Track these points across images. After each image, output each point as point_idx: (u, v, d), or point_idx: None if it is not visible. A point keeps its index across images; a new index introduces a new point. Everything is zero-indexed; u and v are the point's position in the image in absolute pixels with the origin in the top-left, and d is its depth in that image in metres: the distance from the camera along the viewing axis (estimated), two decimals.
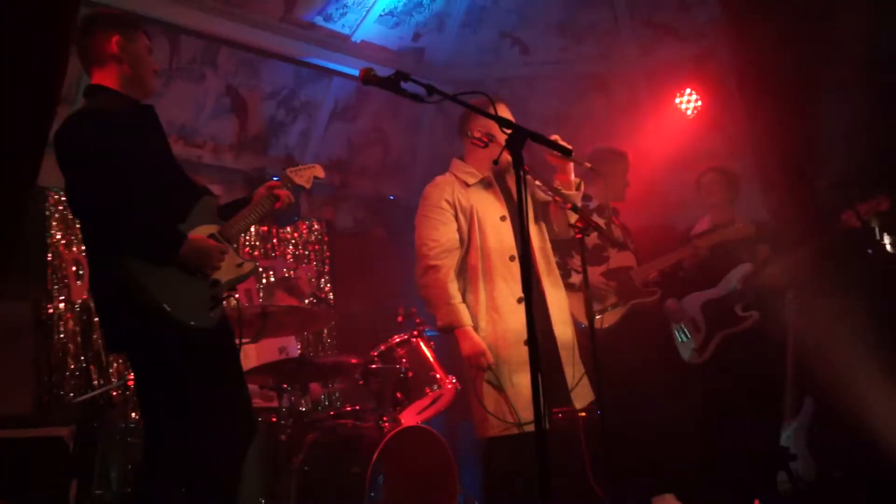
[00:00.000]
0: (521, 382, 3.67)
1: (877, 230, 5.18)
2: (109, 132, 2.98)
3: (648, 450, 4.59)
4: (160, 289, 2.88)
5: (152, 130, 3.16)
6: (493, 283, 3.80)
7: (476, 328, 3.75)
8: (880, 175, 4.90)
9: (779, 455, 4.97)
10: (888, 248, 5.19)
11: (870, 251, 5.08)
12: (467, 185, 3.93)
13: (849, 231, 4.76)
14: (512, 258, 3.83)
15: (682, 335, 5.00)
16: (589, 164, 3.91)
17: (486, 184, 3.95)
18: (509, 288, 3.80)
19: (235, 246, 3.27)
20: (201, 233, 3.07)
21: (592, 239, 4.68)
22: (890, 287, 4.87)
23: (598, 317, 4.66)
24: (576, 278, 4.57)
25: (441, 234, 3.84)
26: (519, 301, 3.73)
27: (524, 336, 3.53)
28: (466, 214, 3.88)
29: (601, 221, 4.64)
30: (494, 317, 3.77)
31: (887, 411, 4.52)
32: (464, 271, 3.86)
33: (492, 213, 3.89)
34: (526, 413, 3.55)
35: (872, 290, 4.86)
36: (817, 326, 4.83)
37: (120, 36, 3.11)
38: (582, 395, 3.84)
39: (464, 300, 3.81)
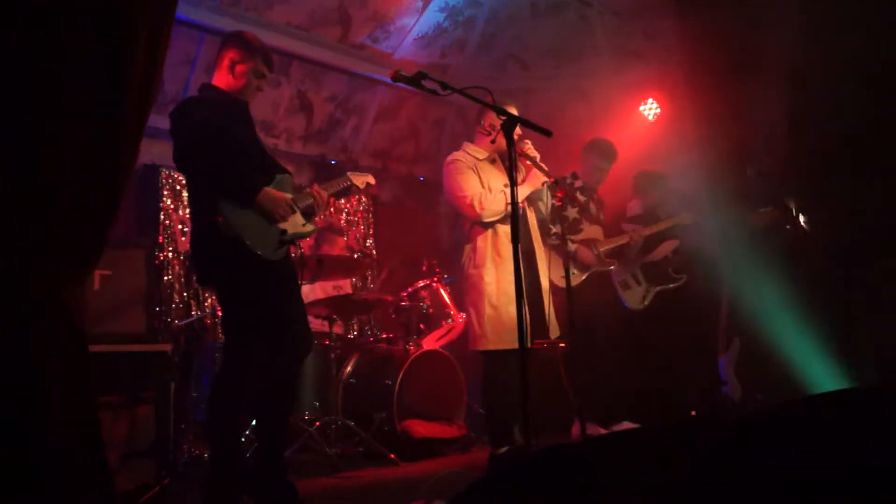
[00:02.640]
0: (513, 312, 3.56)
1: (794, 209, 5.07)
2: (210, 113, 2.95)
3: (606, 375, 4.50)
4: (243, 227, 2.86)
5: (243, 120, 3.09)
6: (497, 235, 3.66)
7: (483, 268, 3.63)
8: (794, 165, 4.81)
9: (712, 380, 4.91)
10: (803, 225, 5.08)
11: (788, 227, 4.98)
12: (477, 160, 3.77)
13: (770, 220, 4.70)
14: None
15: (627, 287, 4.87)
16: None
17: (491, 160, 3.80)
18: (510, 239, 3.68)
19: (303, 215, 3.17)
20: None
21: (572, 214, 4.59)
22: (802, 255, 4.78)
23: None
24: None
25: (474, 184, 3.67)
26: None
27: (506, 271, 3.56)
28: (483, 180, 3.72)
29: (582, 197, 4.51)
30: (497, 260, 3.63)
31: (796, 348, 4.44)
32: (475, 224, 3.70)
33: (497, 182, 3.72)
34: (507, 337, 3.51)
35: (789, 257, 4.77)
36: (745, 284, 4.75)
37: (236, 53, 3.04)
38: (552, 331, 3.74)
39: (474, 245, 3.68)
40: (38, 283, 1.79)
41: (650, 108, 6.14)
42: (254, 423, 3.72)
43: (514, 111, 3.74)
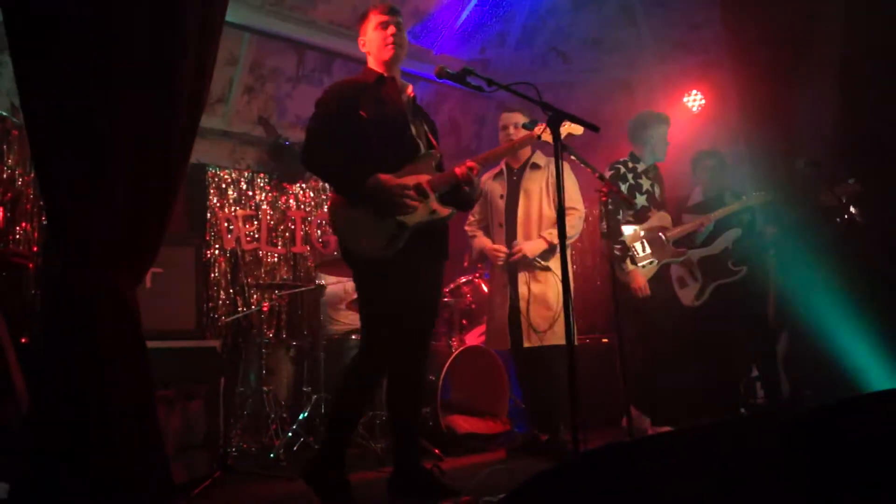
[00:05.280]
0: (494, 316, 4.06)
1: (845, 201, 4.96)
2: (343, 100, 2.92)
3: (657, 372, 4.45)
4: (346, 225, 2.87)
5: (382, 97, 2.98)
6: (494, 243, 4.12)
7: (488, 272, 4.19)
8: (845, 156, 4.69)
9: (760, 376, 4.84)
10: (856, 217, 4.97)
11: (838, 220, 4.87)
12: (491, 178, 4.20)
13: (826, 207, 4.55)
14: (500, 225, 4.10)
15: (684, 284, 4.80)
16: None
17: (499, 173, 4.21)
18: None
19: (440, 199, 2.95)
20: (408, 181, 2.87)
21: (640, 200, 4.50)
22: (852, 248, 4.68)
23: (632, 268, 4.41)
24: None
25: (476, 210, 4.23)
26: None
27: (501, 283, 4.01)
28: (485, 196, 4.16)
29: (647, 183, 4.44)
30: (492, 266, 4.13)
31: (847, 344, 4.35)
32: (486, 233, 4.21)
33: (496, 193, 4.15)
34: (497, 338, 4.03)
35: (839, 250, 4.67)
36: (794, 278, 4.66)
37: (360, 35, 3.17)
38: (530, 338, 3.91)
39: None
40: (99, 280, 1.86)
41: (694, 100, 6.06)
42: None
43: (522, 118, 3.85)
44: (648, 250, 4.39)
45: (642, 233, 4.34)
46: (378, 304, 2.90)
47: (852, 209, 4.82)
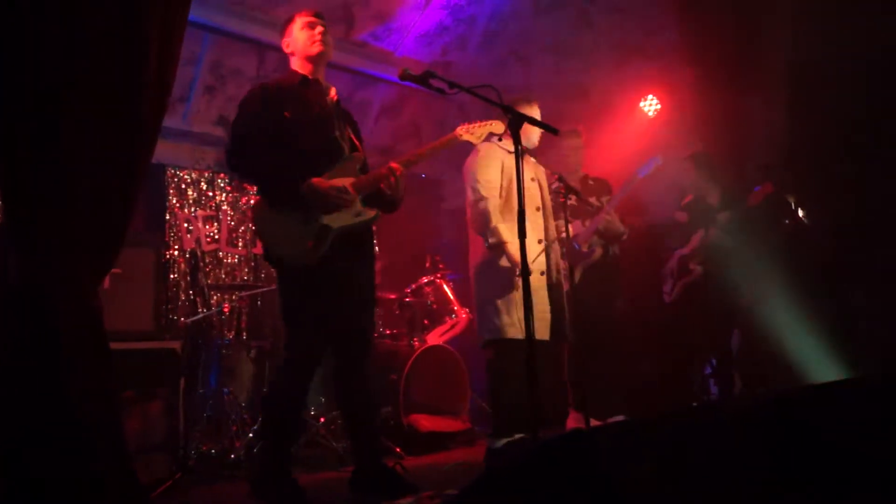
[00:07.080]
0: (539, 304, 3.62)
1: (793, 203, 5.10)
2: (268, 101, 2.90)
3: (608, 368, 4.53)
4: (270, 229, 2.83)
5: (307, 99, 2.96)
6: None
7: None
8: (794, 159, 4.83)
9: (715, 372, 4.95)
10: (803, 218, 5.11)
11: (787, 221, 5.01)
12: (508, 152, 3.81)
13: (766, 198, 4.65)
14: (538, 209, 3.81)
15: (665, 280, 4.93)
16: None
17: (522, 153, 3.89)
18: (534, 231, 3.75)
19: (364, 202, 2.95)
20: (335, 183, 2.84)
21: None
22: (801, 249, 4.81)
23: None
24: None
25: (492, 177, 3.75)
26: (539, 242, 3.73)
27: (539, 269, 3.67)
28: (508, 174, 3.77)
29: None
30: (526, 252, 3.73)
31: (797, 341, 4.49)
32: (504, 213, 3.74)
33: (526, 174, 3.75)
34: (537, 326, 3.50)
35: (788, 251, 4.80)
36: (747, 277, 4.77)
37: (284, 36, 3.13)
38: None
39: None
40: (59, 278, 1.84)
41: (650, 104, 6.16)
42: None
43: (535, 109, 3.82)
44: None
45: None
46: (306, 310, 2.86)
47: (800, 211, 4.97)
